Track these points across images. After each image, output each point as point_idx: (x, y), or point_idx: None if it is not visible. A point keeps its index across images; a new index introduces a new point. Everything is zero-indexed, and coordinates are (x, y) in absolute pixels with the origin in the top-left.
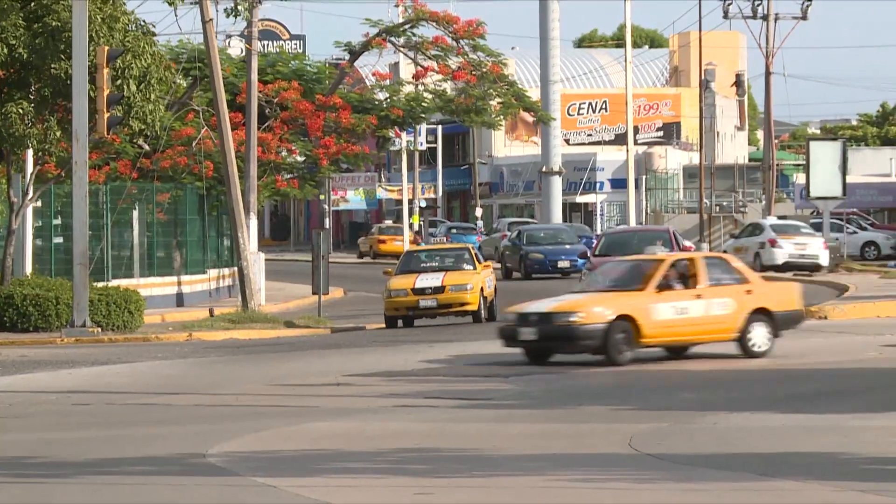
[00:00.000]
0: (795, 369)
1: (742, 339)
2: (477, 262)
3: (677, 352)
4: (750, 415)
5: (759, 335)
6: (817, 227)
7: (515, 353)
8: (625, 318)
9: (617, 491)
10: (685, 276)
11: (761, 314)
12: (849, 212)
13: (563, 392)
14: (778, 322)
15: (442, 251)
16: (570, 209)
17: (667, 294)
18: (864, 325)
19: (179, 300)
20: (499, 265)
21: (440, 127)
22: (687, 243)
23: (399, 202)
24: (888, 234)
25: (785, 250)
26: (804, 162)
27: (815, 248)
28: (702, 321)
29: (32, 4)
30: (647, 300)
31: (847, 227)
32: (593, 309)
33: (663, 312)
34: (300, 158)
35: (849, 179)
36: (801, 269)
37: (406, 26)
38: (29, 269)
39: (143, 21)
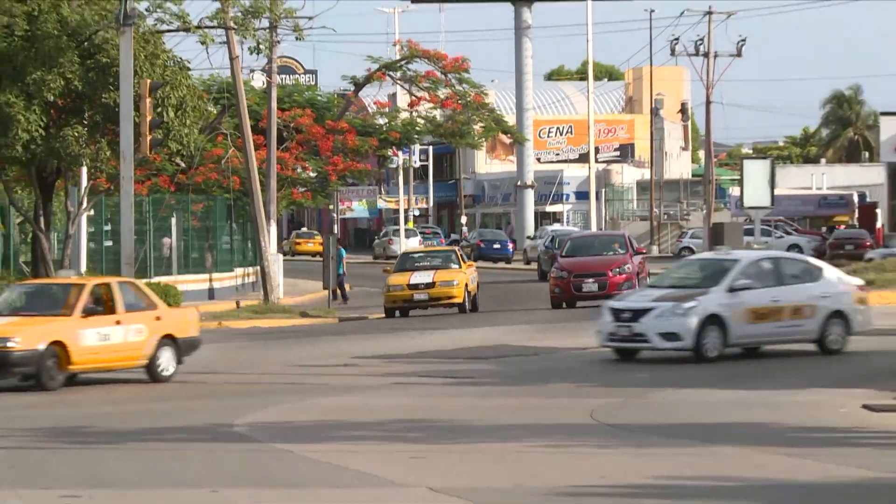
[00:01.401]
0: (729, 354)
1: (151, 365)
2: (462, 262)
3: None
4: (693, 391)
5: (167, 360)
6: (750, 233)
7: (504, 338)
8: (57, 344)
9: (580, 455)
10: (104, 301)
11: (168, 340)
12: (776, 219)
13: (535, 372)
14: (182, 347)
15: (432, 253)
16: (541, 217)
17: (92, 320)
18: None
19: (211, 294)
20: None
21: (431, 147)
22: (640, 246)
23: (396, 211)
24: (809, 238)
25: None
26: (739, 177)
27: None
28: (122, 347)
29: (86, 44)
30: (75, 325)
31: (775, 232)
32: (27, 334)
33: (90, 338)
34: (313, 174)
35: (776, 192)
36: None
37: (402, 62)
38: (83, 268)
39: (180, 58)
